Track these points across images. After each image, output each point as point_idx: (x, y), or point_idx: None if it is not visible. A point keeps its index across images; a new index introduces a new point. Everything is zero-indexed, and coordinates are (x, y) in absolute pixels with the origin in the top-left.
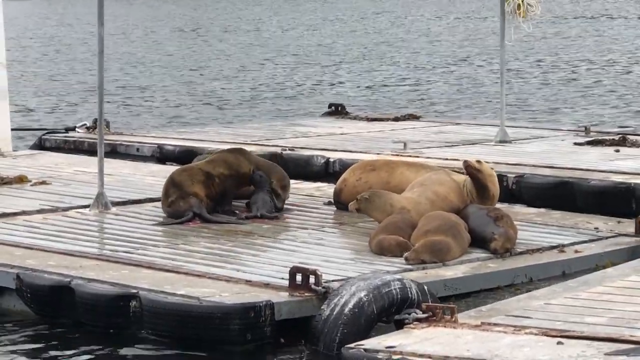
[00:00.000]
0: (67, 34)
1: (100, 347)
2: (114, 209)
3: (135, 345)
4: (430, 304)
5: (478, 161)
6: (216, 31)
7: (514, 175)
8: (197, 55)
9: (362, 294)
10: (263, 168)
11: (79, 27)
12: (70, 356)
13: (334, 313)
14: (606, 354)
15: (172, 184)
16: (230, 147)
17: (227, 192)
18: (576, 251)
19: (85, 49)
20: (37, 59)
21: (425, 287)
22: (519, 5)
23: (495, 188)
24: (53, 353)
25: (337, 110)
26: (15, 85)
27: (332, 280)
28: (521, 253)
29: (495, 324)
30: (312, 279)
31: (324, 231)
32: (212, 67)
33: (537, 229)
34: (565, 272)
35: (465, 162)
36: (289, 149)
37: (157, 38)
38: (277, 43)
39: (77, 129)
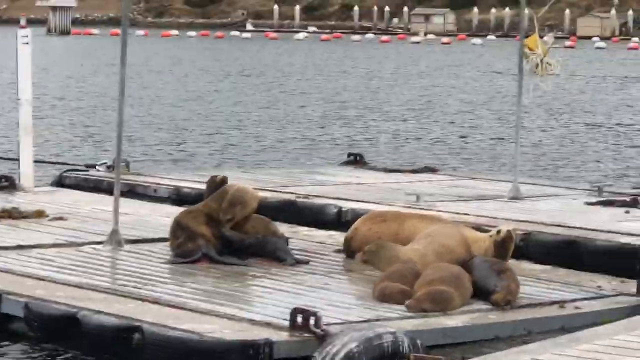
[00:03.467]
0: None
1: None
2: (127, 246)
3: None
4: (417, 354)
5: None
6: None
7: (521, 232)
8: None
9: (353, 345)
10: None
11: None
12: None
13: None
14: None
15: (179, 226)
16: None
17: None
18: (576, 307)
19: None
20: (79, 92)
21: (419, 342)
22: (537, 64)
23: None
24: None
25: (356, 160)
26: (45, 118)
27: (333, 324)
28: (522, 307)
29: None
30: (312, 321)
31: (330, 277)
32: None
33: (540, 285)
34: (564, 327)
35: (509, 231)
36: (303, 197)
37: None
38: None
39: (97, 167)
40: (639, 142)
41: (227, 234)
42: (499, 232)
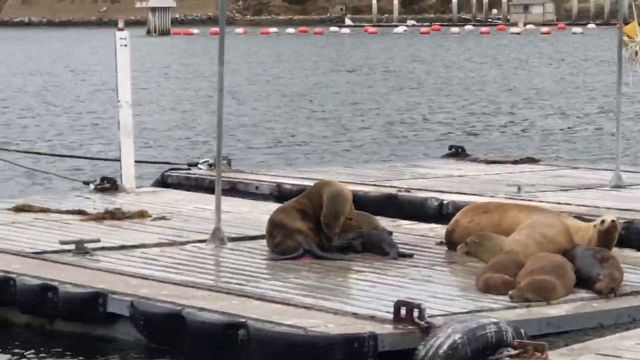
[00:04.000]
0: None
1: None
2: (229, 244)
3: None
4: (521, 340)
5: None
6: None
7: (623, 221)
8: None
9: (457, 336)
10: (326, 204)
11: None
12: None
13: (429, 354)
14: None
15: (274, 225)
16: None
17: (327, 224)
18: None
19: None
20: (182, 90)
21: (522, 331)
22: (636, 52)
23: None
24: None
25: (457, 153)
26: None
27: (437, 315)
28: (626, 294)
29: None
30: (415, 313)
31: (433, 269)
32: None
33: None
34: None
35: (613, 221)
36: (405, 190)
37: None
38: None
39: (199, 166)
40: None
41: (333, 245)
42: (602, 222)
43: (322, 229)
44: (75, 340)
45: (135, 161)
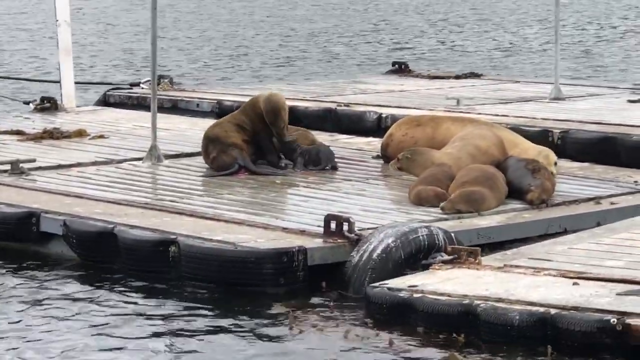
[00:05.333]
0: None
1: (140, 291)
2: (166, 162)
3: (174, 289)
4: (455, 246)
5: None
6: None
7: (559, 131)
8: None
9: (390, 240)
10: (264, 105)
11: None
12: (112, 299)
13: (363, 259)
14: (618, 293)
15: (209, 140)
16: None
17: (262, 140)
18: (612, 203)
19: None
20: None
21: (453, 235)
22: None
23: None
24: (95, 296)
25: (401, 68)
26: (90, 40)
27: (367, 229)
28: (557, 204)
29: (516, 266)
30: (345, 226)
31: (367, 183)
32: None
33: (576, 182)
34: (599, 223)
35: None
36: (344, 105)
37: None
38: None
39: (141, 85)
40: None
41: (288, 139)
42: (547, 156)
43: (272, 130)
44: (10, 259)
45: (77, 82)
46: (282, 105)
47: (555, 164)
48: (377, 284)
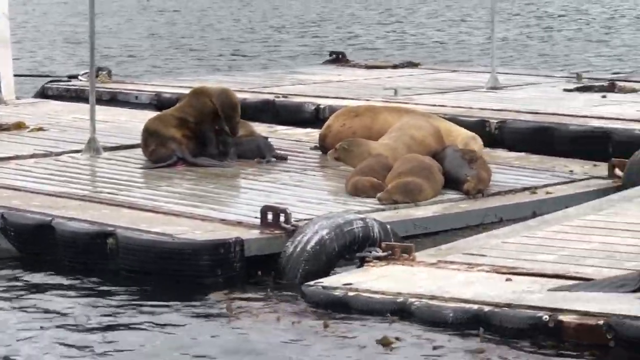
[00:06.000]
0: None
1: (77, 283)
2: (105, 154)
3: (112, 281)
4: (389, 242)
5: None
6: None
7: (496, 121)
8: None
9: (324, 231)
10: (219, 101)
11: None
12: (49, 292)
13: (297, 250)
14: (549, 289)
15: (148, 133)
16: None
17: (205, 133)
18: (547, 192)
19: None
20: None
21: (389, 227)
22: None
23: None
24: (33, 289)
25: (338, 58)
26: (27, 33)
27: (304, 220)
28: (493, 194)
29: (450, 262)
30: (282, 217)
31: (305, 174)
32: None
33: (513, 172)
34: (535, 213)
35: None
36: (282, 96)
37: None
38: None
39: (79, 77)
40: (620, 29)
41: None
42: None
43: (224, 124)
44: None
45: (15, 75)
46: (237, 100)
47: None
48: (312, 282)
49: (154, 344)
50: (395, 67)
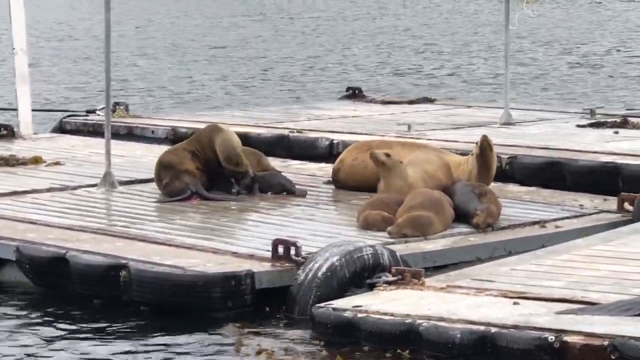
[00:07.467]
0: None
1: (92, 315)
2: (120, 188)
3: (125, 313)
4: (399, 267)
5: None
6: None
7: (507, 156)
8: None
9: (335, 258)
10: (221, 146)
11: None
12: (64, 324)
13: (308, 277)
14: (556, 312)
15: (162, 166)
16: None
17: (216, 165)
18: (557, 226)
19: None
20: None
21: (398, 254)
22: None
23: (494, 169)
24: (48, 321)
25: (355, 94)
26: (45, 68)
27: (315, 253)
28: (503, 228)
29: (459, 287)
30: (292, 250)
31: (317, 208)
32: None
33: (523, 206)
34: (544, 246)
35: (483, 136)
36: (297, 132)
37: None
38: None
39: (97, 112)
40: (635, 65)
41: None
42: (476, 144)
43: (231, 170)
44: None
45: (33, 109)
46: (237, 146)
47: (484, 136)
48: (322, 304)
49: None
50: (411, 102)
